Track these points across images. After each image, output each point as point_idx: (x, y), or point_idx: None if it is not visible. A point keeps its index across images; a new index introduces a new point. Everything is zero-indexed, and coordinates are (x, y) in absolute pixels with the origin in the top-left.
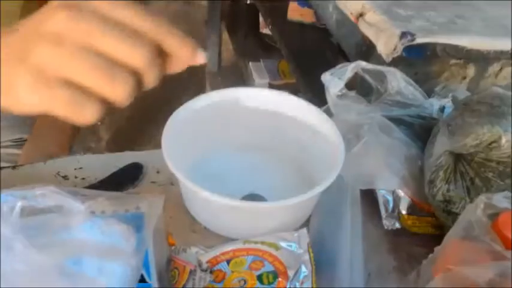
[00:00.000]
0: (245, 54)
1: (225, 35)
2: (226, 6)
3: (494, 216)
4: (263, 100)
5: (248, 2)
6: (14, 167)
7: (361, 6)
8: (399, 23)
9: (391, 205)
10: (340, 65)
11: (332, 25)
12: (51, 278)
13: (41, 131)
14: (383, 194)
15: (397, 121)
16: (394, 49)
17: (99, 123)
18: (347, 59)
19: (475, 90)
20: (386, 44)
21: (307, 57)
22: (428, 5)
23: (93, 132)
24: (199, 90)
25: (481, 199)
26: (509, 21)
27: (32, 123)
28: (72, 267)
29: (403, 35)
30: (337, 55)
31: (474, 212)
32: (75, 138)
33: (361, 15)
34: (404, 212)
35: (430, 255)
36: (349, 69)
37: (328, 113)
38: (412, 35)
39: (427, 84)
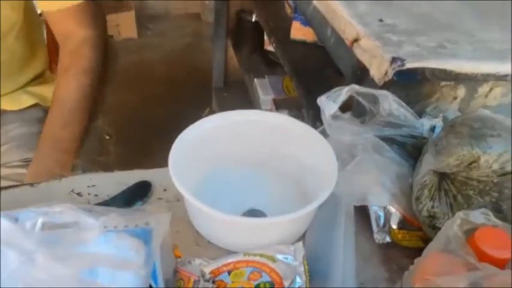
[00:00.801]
0: (250, 71)
1: (232, 52)
2: (232, 23)
3: (471, 231)
4: (264, 122)
5: (253, 20)
6: (31, 185)
7: (356, 32)
8: (391, 48)
9: (382, 220)
10: (335, 89)
11: (330, 47)
12: (69, 287)
13: (44, 152)
14: (375, 210)
15: (389, 141)
16: (385, 74)
17: (107, 137)
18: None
19: (465, 110)
20: (378, 68)
21: (310, 74)
22: (420, 30)
23: (102, 147)
24: (206, 105)
25: (458, 215)
26: (497, 45)
27: None
28: (88, 277)
29: (394, 60)
30: (338, 73)
31: (451, 227)
32: (76, 158)
33: (356, 40)
34: (395, 226)
35: (411, 267)
36: (344, 92)
37: (325, 133)
38: (402, 60)
39: (419, 104)
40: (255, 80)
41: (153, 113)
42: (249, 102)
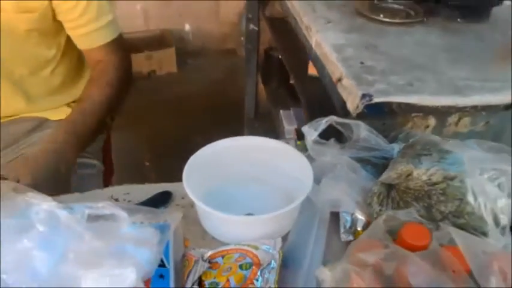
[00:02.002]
0: (277, 103)
1: (262, 86)
2: (261, 60)
3: (399, 225)
4: (261, 145)
5: (280, 57)
6: (81, 192)
7: (340, 73)
8: (364, 86)
9: (349, 224)
10: (316, 119)
11: (326, 84)
12: (107, 256)
13: (59, 133)
14: (344, 215)
15: (365, 161)
16: (357, 107)
17: (147, 163)
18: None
19: (439, 136)
20: (352, 103)
21: (321, 106)
22: (394, 71)
23: (141, 173)
24: (239, 134)
25: (386, 213)
26: (461, 82)
27: None
28: (119, 250)
29: (363, 96)
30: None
31: (378, 222)
32: (83, 151)
33: (339, 80)
34: (359, 228)
35: (348, 246)
36: (323, 122)
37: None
38: (370, 96)
39: (394, 132)
40: (281, 111)
41: (189, 141)
42: (275, 131)
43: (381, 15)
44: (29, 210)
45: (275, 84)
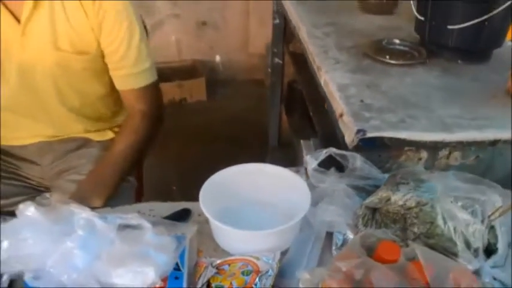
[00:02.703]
0: (298, 133)
1: (285, 116)
2: (285, 92)
3: (376, 242)
4: (269, 172)
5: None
6: (112, 207)
7: (341, 109)
8: (360, 123)
9: (340, 242)
10: (317, 150)
11: (333, 119)
12: (133, 258)
13: (95, 174)
14: (337, 235)
15: (360, 189)
16: (353, 141)
17: (174, 188)
18: None
19: (431, 168)
20: (349, 137)
21: (333, 138)
22: (389, 108)
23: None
24: (262, 161)
25: (364, 231)
26: (449, 119)
27: None
28: (142, 253)
29: (358, 131)
30: None
31: (356, 238)
32: (114, 190)
33: (341, 116)
34: None
35: (332, 259)
36: (323, 153)
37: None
38: (364, 131)
39: (389, 163)
40: (302, 141)
41: (214, 165)
42: (296, 159)
43: (387, 57)
44: (72, 218)
45: (297, 116)
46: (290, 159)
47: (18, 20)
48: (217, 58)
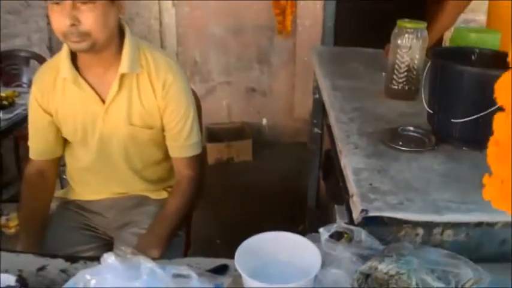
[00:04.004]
0: (333, 198)
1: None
2: (323, 158)
3: None
4: (291, 239)
5: None
6: (168, 259)
7: (353, 191)
8: (365, 203)
9: None
10: (330, 224)
11: (348, 200)
12: None
13: (151, 232)
14: None
15: (364, 257)
16: (358, 218)
17: (218, 241)
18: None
19: (427, 243)
20: (355, 214)
21: None
22: (392, 191)
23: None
24: (301, 222)
25: None
26: (442, 203)
27: None
28: None
29: (362, 211)
30: None
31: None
32: (168, 243)
33: (351, 196)
34: None
35: None
36: (334, 226)
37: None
38: (367, 211)
39: (390, 237)
40: (336, 206)
41: (256, 224)
42: (331, 222)
43: (400, 143)
44: (139, 266)
45: (333, 181)
46: (326, 221)
47: (103, 101)
48: (264, 121)
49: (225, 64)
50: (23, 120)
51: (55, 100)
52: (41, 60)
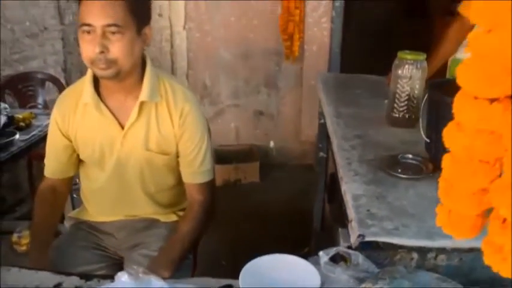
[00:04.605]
0: (337, 221)
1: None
2: (329, 181)
3: None
4: (293, 261)
5: None
6: (176, 279)
7: (351, 217)
8: (362, 229)
9: None
10: (329, 248)
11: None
12: None
13: (164, 251)
14: None
15: (361, 280)
16: (355, 242)
17: (223, 262)
18: None
19: (422, 267)
20: (352, 239)
21: None
22: (389, 217)
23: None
24: (306, 244)
25: None
26: (435, 229)
27: None
28: None
29: (359, 236)
30: None
31: None
32: (179, 263)
33: (350, 221)
34: None
35: None
36: (333, 250)
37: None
38: (363, 236)
39: (387, 260)
40: (340, 229)
41: (262, 245)
42: (336, 244)
43: (399, 170)
44: (150, 284)
45: (337, 205)
46: (331, 243)
47: (122, 126)
48: (271, 144)
49: (234, 87)
50: (39, 141)
51: (75, 123)
52: (56, 82)
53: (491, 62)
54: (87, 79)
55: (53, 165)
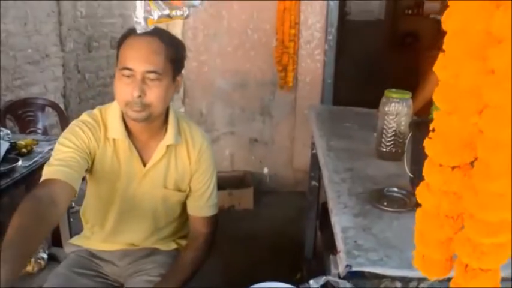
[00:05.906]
0: (328, 248)
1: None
2: (320, 210)
3: None
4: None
5: None
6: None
7: (340, 248)
8: (349, 259)
9: None
10: (318, 277)
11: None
12: None
13: (165, 279)
14: None
15: None
16: (342, 272)
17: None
18: None
19: None
20: (340, 269)
21: None
22: (374, 248)
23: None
24: (298, 271)
25: None
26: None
27: None
28: None
29: (346, 266)
30: None
31: None
32: None
33: (338, 252)
34: None
35: None
36: (322, 279)
37: None
38: (350, 266)
39: None
40: (331, 256)
41: (256, 272)
42: (327, 271)
43: (384, 203)
44: None
45: (329, 233)
46: (322, 270)
47: (144, 164)
48: (265, 170)
49: (230, 115)
50: (40, 168)
51: (101, 154)
52: (56, 107)
53: (452, 138)
54: (118, 116)
55: (59, 169)
